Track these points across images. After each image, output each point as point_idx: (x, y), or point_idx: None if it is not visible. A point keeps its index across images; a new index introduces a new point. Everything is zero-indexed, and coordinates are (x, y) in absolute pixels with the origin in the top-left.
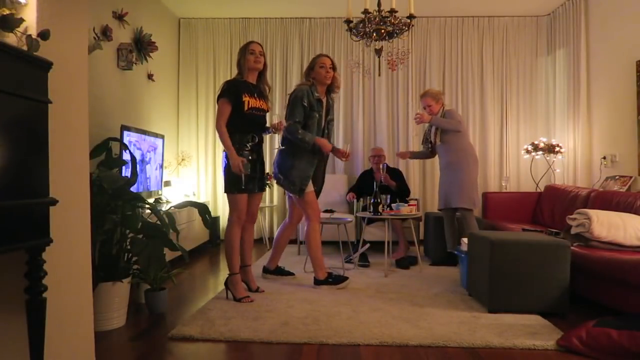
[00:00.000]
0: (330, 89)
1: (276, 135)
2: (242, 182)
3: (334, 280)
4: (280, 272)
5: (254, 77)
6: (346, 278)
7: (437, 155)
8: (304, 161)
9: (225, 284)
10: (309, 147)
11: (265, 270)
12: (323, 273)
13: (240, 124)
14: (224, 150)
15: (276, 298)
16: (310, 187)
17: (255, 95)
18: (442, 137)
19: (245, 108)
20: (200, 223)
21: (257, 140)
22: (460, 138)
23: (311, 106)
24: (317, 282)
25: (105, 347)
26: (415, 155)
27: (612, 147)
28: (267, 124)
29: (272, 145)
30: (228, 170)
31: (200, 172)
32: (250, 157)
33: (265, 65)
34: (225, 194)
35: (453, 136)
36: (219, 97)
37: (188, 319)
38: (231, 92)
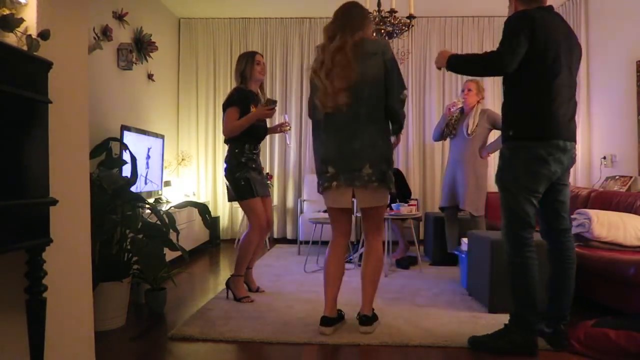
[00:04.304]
0: None
1: (276, 134)
2: (252, 188)
3: None
4: None
5: (256, 87)
6: None
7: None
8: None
9: (227, 283)
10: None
11: None
12: None
13: (246, 134)
14: (225, 161)
15: (276, 298)
16: None
17: (257, 106)
18: (479, 130)
19: None
20: (200, 223)
21: (258, 150)
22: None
23: None
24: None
25: (105, 347)
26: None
27: (612, 147)
28: (267, 125)
29: (271, 145)
30: (234, 180)
31: (200, 172)
32: (253, 166)
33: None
34: (239, 204)
35: (486, 136)
36: (230, 104)
37: (188, 319)
38: (242, 102)
